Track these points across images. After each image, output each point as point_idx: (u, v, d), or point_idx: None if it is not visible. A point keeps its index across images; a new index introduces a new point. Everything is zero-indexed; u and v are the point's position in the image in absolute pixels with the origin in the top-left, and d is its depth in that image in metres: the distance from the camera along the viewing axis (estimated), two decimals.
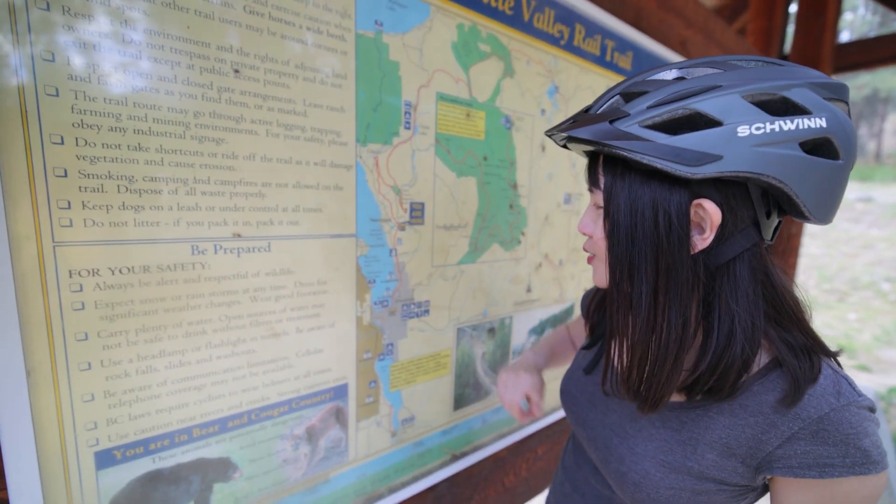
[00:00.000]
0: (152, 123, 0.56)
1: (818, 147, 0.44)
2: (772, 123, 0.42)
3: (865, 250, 9.06)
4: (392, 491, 0.96)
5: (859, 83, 18.21)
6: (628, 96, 0.49)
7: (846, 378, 0.48)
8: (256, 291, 0.69)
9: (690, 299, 0.48)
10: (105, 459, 0.58)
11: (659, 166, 0.44)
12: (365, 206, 0.81)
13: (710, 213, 0.45)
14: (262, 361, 0.71)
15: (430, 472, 1.04)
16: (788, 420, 0.46)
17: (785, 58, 2.66)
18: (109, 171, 0.53)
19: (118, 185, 0.54)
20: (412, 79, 0.85)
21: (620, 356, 0.52)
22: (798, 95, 0.43)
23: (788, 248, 3.03)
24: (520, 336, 1.22)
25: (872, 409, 0.46)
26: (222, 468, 0.70)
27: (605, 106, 0.50)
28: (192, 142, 0.59)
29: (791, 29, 2.84)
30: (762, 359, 0.51)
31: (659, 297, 0.48)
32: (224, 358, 0.67)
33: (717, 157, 0.42)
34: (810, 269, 8.36)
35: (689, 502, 0.52)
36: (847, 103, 0.46)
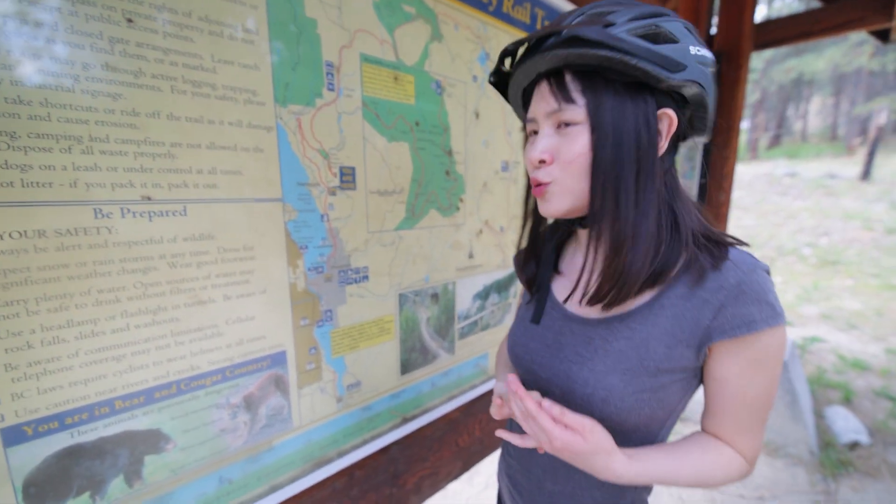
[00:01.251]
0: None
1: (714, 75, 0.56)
2: (701, 49, 0.54)
3: (790, 220, 9.74)
4: (342, 455, 0.97)
5: (787, 67, 19.29)
6: (597, 15, 0.54)
7: (747, 251, 0.58)
8: (174, 257, 0.67)
9: (659, 197, 0.56)
10: (13, 436, 0.55)
11: (648, 69, 0.50)
12: (290, 169, 0.79)
13: (672, 119, 0.55)
14: (188, 330, 0.69)
15: (380, 435, 1.05)
16: (715, 293, 0.54)
17: (712, 35, 2.83)
18: None
19: None
20: (332, 38, 0.83)
21: (595, 263, 0.60)
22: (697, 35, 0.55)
23: (718, 216, 3.24)
24: (464, 301, 1.24)
25: (769, 272, 0.56)
26: (152, 440, 0.67)
27: (578, 19, 0.55)
28: (83, 96, 0.56)
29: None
30: (689, 253, 0.58)
31: (640, 197, 0.54)
32: (144, 327, 0.65)
33: (684, 67, 0.52)
34: (744, 240, 9.03)
35: (650, 403, 0.58)
36: None
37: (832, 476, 2.48)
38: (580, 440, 0.53)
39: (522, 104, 0.68)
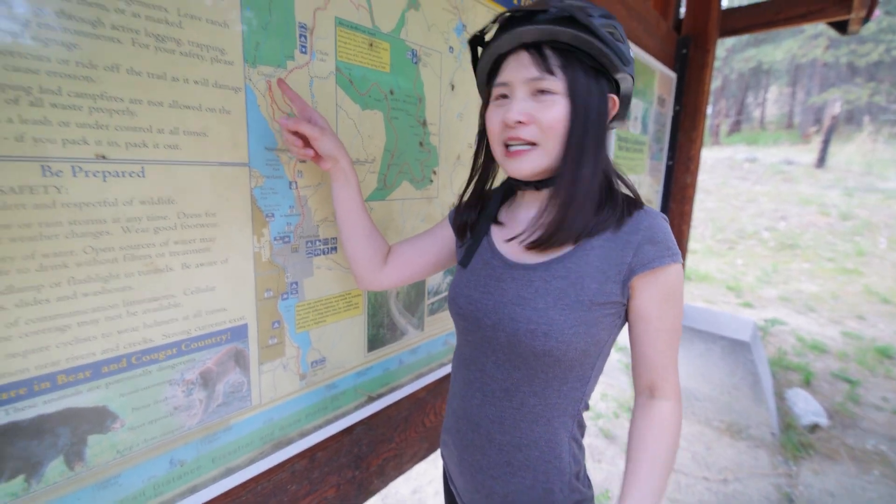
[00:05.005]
0: None
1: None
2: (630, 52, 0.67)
3: (750, 204, 10.05)
4: (303, 435, 0.95)
5: (747, 56, 19.74)
6: (577, 7, 0.62)
7: (651, 208, 0.71)
8: (129, 221, 0.62)
9: (603, 164, 0.68)
10: None
11: (613, 59, 0.63)
12: (258, 133, 0.75)
13: (615, 103, 0.70)
14: (142, 300, 0.65)
15: (344, 415, 1.03)
16: (633, 234, 0.66)
17: (680, 20, 2.88)
18: None
19: None
20: None
21: (546, 216, 0.68)
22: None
23: (685, 197, 3.34)
24: (435, 276, 1.23)
25: (667, 220, 0.69)
26: (98, 418, 0.63)
27: (563, 3, 0.62)
28: (31, 43, 0.50)
29: None
30: (615, 208, 0.69)
31: (595, 163, 0.66)
32: (93, 295, 0.60)
33: (630, 62, 0.66)
34: (706, 222, 9.12)
35: (584, 337, 0.66)
36: None
37: (793, 458, 2.47)
38: None
39: (492, 69, 0.74)
